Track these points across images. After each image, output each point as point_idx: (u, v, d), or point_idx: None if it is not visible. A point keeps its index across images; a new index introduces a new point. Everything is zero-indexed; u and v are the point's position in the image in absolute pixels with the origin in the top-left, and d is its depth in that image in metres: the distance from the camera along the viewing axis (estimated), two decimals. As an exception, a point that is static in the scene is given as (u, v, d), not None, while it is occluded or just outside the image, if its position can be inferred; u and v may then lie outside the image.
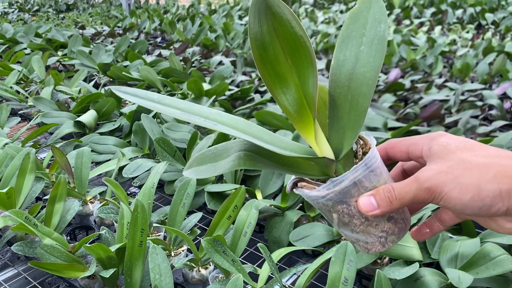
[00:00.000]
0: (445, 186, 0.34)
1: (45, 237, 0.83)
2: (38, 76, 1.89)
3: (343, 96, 0.40)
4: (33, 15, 4.99)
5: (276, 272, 0.71)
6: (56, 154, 1.05)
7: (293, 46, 0.38)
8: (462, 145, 0.35)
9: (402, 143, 0.40)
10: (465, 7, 4.00)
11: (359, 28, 0.40)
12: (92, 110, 1.42)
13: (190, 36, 2.93)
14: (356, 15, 0.40)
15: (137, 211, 0.74)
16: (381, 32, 0.39)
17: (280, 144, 0.38)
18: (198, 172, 0.35)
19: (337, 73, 0.40)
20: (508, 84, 1.86)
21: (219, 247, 0.75)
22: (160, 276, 0.72)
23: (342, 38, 0.41)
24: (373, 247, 0.40)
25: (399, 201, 0.36)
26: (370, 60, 0.39)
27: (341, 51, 0.41)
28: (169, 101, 0.37)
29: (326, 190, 0.37)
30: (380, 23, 0.39)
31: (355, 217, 0.38)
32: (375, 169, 0.37)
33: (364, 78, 0.39)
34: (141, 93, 0.37)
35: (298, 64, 0.38)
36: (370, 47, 0.39)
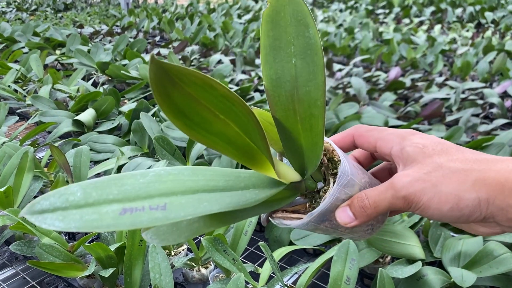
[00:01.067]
0: (423, 195, 0.32)
1: (44, 236, 0.82)
2: (36, 75, 1.88)
3: (291, 119, 0.35)
4: (31, 15, 4.98)
5: (278, 271, 0.70)
6: (55, 152, 1.04)
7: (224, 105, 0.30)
8: (439, 148, 0.33)
9: (371, 134, 0.37)
10: (464, 6, 4.00)
11: (281, 35, 0.33)
12: (90, 109, 1.41)
13: (189, 35, 2.91)
14: (272, 18, 0.33)
15: (137, 209, 0.73)
16: (311, 40, 0.32)
17: (238, 184, 0.34)
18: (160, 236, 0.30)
19: (275, 96, 0.35)
20: (508, 83, 1.85)
21: (220, 246, 0.75)
22: (160, 275, 0.71)
23: (265, 50, 0.34)
24: (360, 237, 0.40)
25: (374, 210, 0.34)
26: (310, 77, 0.33)
27: (270, 67, 0.34)
28: (96, 194, 0.28)
29: (307, 218, 0.35)
30: (307, 27, 0.32)
31: (339, 227, 0.37)
32: (347, 183, 0.36)
33: (310, 99, 0.33)
34: (59, 200, 0.28)
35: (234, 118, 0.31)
36: (304, 59, 0.33)
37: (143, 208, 0.28)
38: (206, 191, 0.31)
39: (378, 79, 2.03)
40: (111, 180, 0.30)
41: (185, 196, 0.30)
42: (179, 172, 0.32)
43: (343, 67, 2.21)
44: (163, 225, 0.31)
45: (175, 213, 0.28)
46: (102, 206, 0.28)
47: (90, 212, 0.28)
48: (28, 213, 0.27)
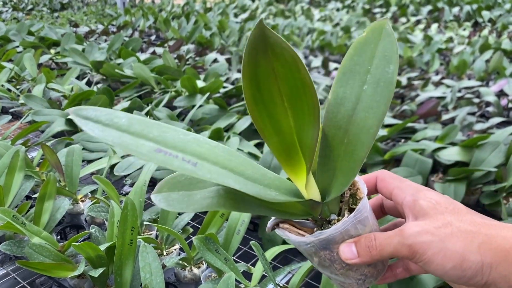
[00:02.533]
0: (429, 249, 0.32)
1: (34, 236, 0.81)
2: (30, 74, 1.86)
3: (338, 139, 0.36)
4: (27, 14, 4.96)
5: (270, 271, 0.69)
6: (46, 152, 1.02)
7: (295, 93, 0.33)
8: (451, 208, 0.34)
9: (392, 181, 0.38)
10: (461, 5, 3.99)
11: (364, 63, 0.36)
12: (84, 108, 1.40)
13: (185, 34, 2.90)
14: (362, 46, 0.36)
15: (127, 209, 0.72)
16: (389, 74, 0.34)
17: (263, 180, 0.35)
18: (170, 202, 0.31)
19: (334, 111, 0.36)
20: (504, 81, 1.85)
21: (212, 245, 0.74)
22: (151, 275, 0.70)
23: (343, 70, 0.37)
24: (349, 286, 0.39)
25: (379, 252, 0.34)
26: (373, 105, 0.34)
27: (341, 86, 0.37)
28: (138, 126, 0.31)
29: (312, 238, 0.36)
30: (389, 63, 0.34)
31: (336, 262, 0.37)
32: (363, 219, 0.36)
33: (364, 124, 0.34)
34: (105, 118, 0.30)
35: (297, 111, 0.34)
36: (375, 89, 0.35)
37: (177, 156, 0.30)
38: (233, 172, 0.33)
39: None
40: (155, 124, 0.31)
41: (214, 166, 0.32)
42: (216, 146, 0.34)
43: (339, 66, 2.20)
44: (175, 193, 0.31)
45: (203, 172, 0.30)
46: (141, 139, 0.30)
47: (129, 138, 0.30)
48: (74, 113, 0.29)
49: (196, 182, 0.33)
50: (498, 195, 1.06)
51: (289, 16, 3.93)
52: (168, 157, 0.30)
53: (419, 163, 1.13)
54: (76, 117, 0.29)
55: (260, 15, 3.89)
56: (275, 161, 1.08)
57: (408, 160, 1.14)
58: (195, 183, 0.33)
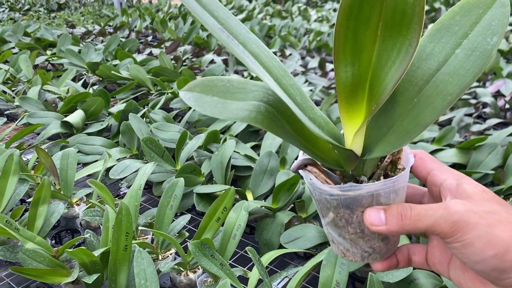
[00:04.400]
0: (474, 230, 0.30)
1: (27, 241, 0.80)
2: (25, 76, 1.85)
3: (408, 96, 0.33)
4: (23, 14, 4.94)
5: (266, 276, 0.69)
6: (41, 155, 1.02)
7: (399, 21, 0.29)
8: (497, 199, 0.32)
9: (431, 161, 0.37)
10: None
11: (465, 25, 0.33)
12: (79, 110, 1.39)
13: (182, 34, 2.89)
14: (469, 7, 0.33)
15: (121, 214, 0.71)
16: (489, 46, 0.31)
17: (310, 111, 0.33)
18: (200, 102, 0.28)
19: (415, 64, 0.33)
20: (501, 82, 1.85)
21: (207, 250, 0.73)
22: (145, 281, 0.70)
23: (439, 26, 0.34)
24: (352, 256, 0.37)
25: (413, 223, 0.32)
26: (460, 72, 0.31)
27: (431, 41, 0.34)
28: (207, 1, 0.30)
29: (339, 191, 0.33)
30: (494, 34, 0.31)
31: (352, 225, 0.34)
32: (399, 189, 0.34)
33: (443, 89, 0.32)
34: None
35: (388, 43, 0.29)
36: (468, 56, 0.32)
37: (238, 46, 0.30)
38: (284, 90, 0.31)
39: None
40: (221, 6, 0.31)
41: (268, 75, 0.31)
42: (273, 58, 0.33)
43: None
44: (208, 96, 0.28)
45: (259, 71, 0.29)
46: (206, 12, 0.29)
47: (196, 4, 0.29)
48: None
49: (235, 91, 0.30)
50: (495, 198, 1.06)
51: (286, 16, 3.93)
52: (231, 41, 0.28)
53: (416, 166, 1.12)
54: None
55: (257, 16, 3.89)
56: (271, 163, 1.07)
57: (405, 163, 1.14)
58: (233, 93, 0.30)
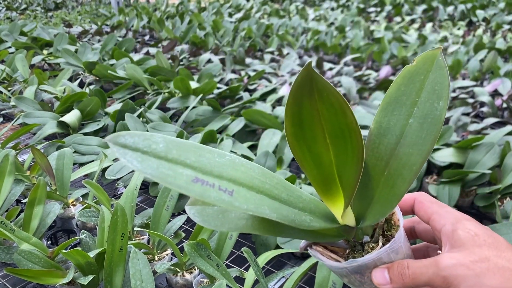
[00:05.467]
0: (464, 282, 0.32)
1: (23, 242, 0.80)
2: (21, 75, 1.84)
3: (378, 169, 0.36)
4: (20, 14, 4.92)
5: (262, 277, 0.68)
6: (37, 155, 1.01)
7: (340, 135, 0.32)
8: (490, 241, 0.34)
9: (431, 205, 0.38)
10: (456, 4, 4.00)
11: (411, 93, 0.34)
12: (75, 110, 1.39)
13: (179, 34, 2.89)
14: (410, 75, 0.35)
15: (117, 214, 0.71)
16: (438, 111, 0.33)
17: (297, 203, 0.35)
18: (204, 217, 0.31)
19: (376, 141, 0.36)
20: (499, 81, 1.85)
21: (203, 251, 0.73)
22: (141, 282, 0.69)
23: (389, 99, 0.36)
24: None
25: (412, 280, 0.35)
26: (418, 141, 0.33)
27: (385, 115, 0.36)
28: (176, 152, 0.30)
29: (345, 264, 0.36)
30: (439, 99, 0.33)
31: (365, 283, 0.38)
32: (397, 249, 0.36)
33: (407, 160, 0.33)
34: (143, 144, 0.29)
35: (340, 155, 0.33)
36: (421, 124, 0.33)
37: (213, 185, 0.30)
38: (269, 197, 0.33)
39: (369, 78, 2.02)
40: (191, 147, 0.31)
41: (250, 192, 0.32)
42: (251, 168, 0.34)
43: (333, 66, 2.20)
44: (210, 208, 0.31)
45: (239, 203, 0.30)
46: (179, 166, 0.30)
47: (167, 167, 0.29)
48: (112, 141, 0.28)
49: None
50: (492, 197, 1.06)
51: (284, 15, 3.92)
52: (206, 187, 0.29)
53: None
54: (114, 146, 0.29)
55: (255, 15, 3.88)
56: (268, 163, 1.07)
57: (402, 162, 1.14)
58: None
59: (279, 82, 1.93)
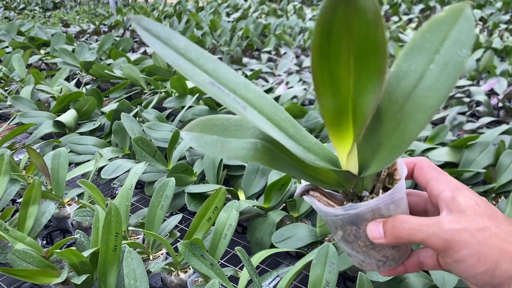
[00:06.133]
0: (465, 249, 0.32)
1: (17, 242, 0.80)
2: (18, 75, 1.84)
3: (391, 114, 0.35)
4: (19, 13, 4.92)
5: (255, 277, 0.69)
6: (32, 155, 1.01)
7: (365, 52, 0.31)
8: (490, 212, 0.33)
9: (430, 170, 0.38)
10: (453, 3, 4.00)
11: (435, 41, 0.35)
12: (72, 110, 1.39)
13: (177, 33, 2.89)
14: (437, 25, 0.35)
15: (111, 214, 0.71)
16: (460, 58, 0.33)
17: (303, 141, 0.35)
18: (201, 142, 0.30)
19: (393, 84, 0.35)
20: (495, 80, 1.85)
21: (197, 251, 0.73)
22: (135, 281, 0.69)
23: (412, 45, 0.36)
24: (368, 266, 0.39)
25: (408, 236, 0.34)
26: (437, 86, 0.33)
27: (407, 60, 0.36)
28: (195, 54, 0.31)
29: (342, 211, 0.35)
30: (463, 47, 0.33)
31: (361, 239, 0.37)
32: (397, 200, 0.35)
33: (423, 103, 0.33)
34: (164, 35, 0.30)
35: (361, 73, 0.32)
36: (441, 70, 0.33)
37: (229, 95, 0.30)
38: (277, 126, 0.33)
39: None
40: (210, 57, 0.32)
41: (260, 115, 0.32)
42: (263, 96, 0.34)
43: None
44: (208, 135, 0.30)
45: (251, 117, 0.30)
46: (197, 68, 0.30)
47: (185, 63, 0.30)
48: (136, 22, 0.30)
49: (232, 129, 0.33)
50: (487, 196, 1.06)
51: (281, 15, 3.92)
52: (222, 93, 0.30)
53: (409, 164, 1.12)
54: (137, 25, 0.30)
55: (253, 14, 3.88)
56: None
57: (397, 161, 1.14)
58: (231, 130, 0.32)
59: (276, 81, 1.93)
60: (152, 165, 1.08)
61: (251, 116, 0.30)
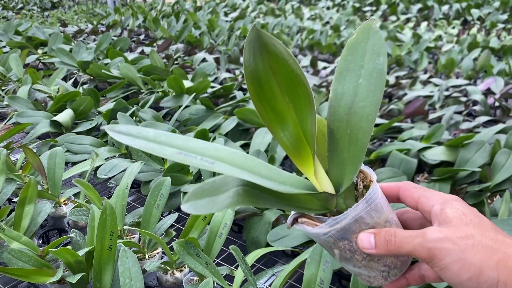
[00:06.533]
0: (448, 256, 0.33)
1: (13, 241, 0.80)
2: (16, 75, 1.84)
3: (342, 130, 0.39)
4: (17, 13, 4.91)
5: (250, 275, 0.69)
6: (28, 154, 1.01)
7: (290, 84, 0.37)
8: (476, 221, 0.35)
9: (417, 190, 0.40)
10: (451, 3, 4.01)
11: (357, 60, 0.39)
12: (68, 109, 1.39)
13: (174, 33, 2.89)
14: (354, 46, 0.40)
15: (106, 213, 0.71)
16: (380, 65, 0.38)
17: (278, 178, 0.37)
18: (197, 208, 0.34)
19: (335, 106, 0.40)
20: (492, 80, 1.85)
21: (192, 249, 0.73)
22: (130, 280, 0.70)
23: (340, 70, 0.40)
24: (375, 280, 0.40)
25: (397, 248, 0.35)
26: (369, 95, 0.38)
27: (339, 83, 0.40)
28: (164, 138, 0.35)
29: (328, 228, 0.37)
30: (379, 56, 0.38)
31: (356, 252, 0.38)
32: (376, 205, 0.37)
33: (363, 113, 0.38)
34: (135, 132, 0.35)
35: (296, 101, 0.37)
36: (369, 80, 0.38)
37: (196, 157, 0.34)
38: (249, 172, 0.36)
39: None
40: (179, 137, 0.36)
41: (231, 166, 0.35)
42: (233, 152, 0.37)
43: (328, 65, 2.20)
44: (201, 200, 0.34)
45: (219, 168, 0.33)
46: (165, 146, 0.34)
47: (155, 145, 0.34)
48: (109, 129, 0.34)
49: (219, 187, 0.35)
50: (482, 195, 1.06)
51: (280, 14, 3.92)
52: (188, 157, 0.34)
53: (404, 163, 1.13)
54: (110, 131, 0.34)
55: (251, 14, 3.88)
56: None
57: (393, 160, 1.14)
58: (219, 188, 0.35)
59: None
60: (148, 164, 1.08)
61: (219, 167, 0.34)
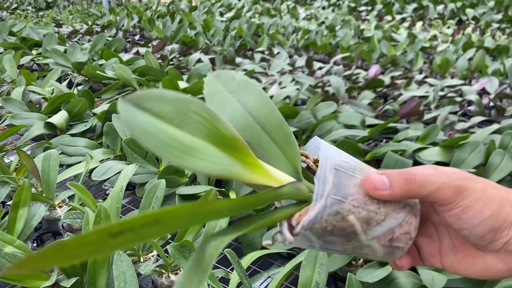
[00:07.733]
0: (473, 194, 0.33)
1: (6, 245, 0.80)
2: (9, 76, 1.83)
3: (257, 132, 0.36)
4: (11, 13, 4.89)
5: (245, 278, 0.69)
6: (22, 157, 1.01)
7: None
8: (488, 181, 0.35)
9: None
10: (446, 3, 4.02)
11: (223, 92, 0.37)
12: (63, 111, 1.38)
13: (169, 33, 2.88)
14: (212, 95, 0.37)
15: (100, 216, 0.71)
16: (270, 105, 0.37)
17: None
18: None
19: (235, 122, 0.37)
20: (486, 80, 1.86)
21: (187, 253, 0.73)
22: (125, 284, 0.69)
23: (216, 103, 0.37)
24: (389, 254, 0.35)
25: (418, 189, 0.32)
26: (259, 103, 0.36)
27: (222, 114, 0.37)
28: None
29: (317, 209, 0.31)
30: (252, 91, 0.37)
31: (366, 203, 0.32)
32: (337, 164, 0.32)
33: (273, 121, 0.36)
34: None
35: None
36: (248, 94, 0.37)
37: None
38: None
39: (358, 77, 2.02)
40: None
41: None
42: None
43: (323, 65, 2.20)
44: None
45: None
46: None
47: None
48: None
49: None
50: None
51: (275, 14, 3.92)
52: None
53: (399, 164, 1.13)
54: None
55: (246, 14, 3.88)
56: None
57: (388, 161, 1.14)
58: None
59: (269, 81, 1.93)
60: (143, 166, 1.07)
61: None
